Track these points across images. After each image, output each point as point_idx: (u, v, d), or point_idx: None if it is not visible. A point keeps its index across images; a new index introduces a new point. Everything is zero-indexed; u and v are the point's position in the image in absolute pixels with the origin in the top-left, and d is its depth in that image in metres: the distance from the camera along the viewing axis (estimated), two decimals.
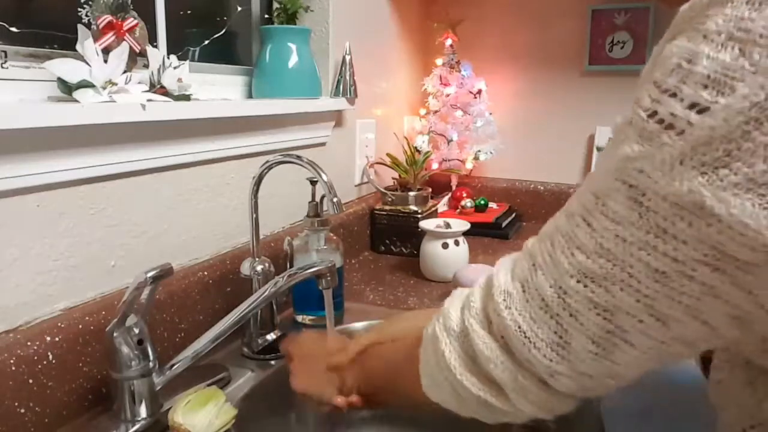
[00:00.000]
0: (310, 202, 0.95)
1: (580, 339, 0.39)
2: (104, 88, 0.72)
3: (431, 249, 1.18)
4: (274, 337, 0.88)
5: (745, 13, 0.31)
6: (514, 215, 1.62)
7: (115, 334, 0.66)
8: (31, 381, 0.64)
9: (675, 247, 0.34)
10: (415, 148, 1.47)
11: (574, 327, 0.39)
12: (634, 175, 0.35)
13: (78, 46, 0.73)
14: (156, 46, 0.93)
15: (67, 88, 0.70)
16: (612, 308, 0.38)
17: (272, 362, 0.85)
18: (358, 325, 0.96)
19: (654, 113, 0.34)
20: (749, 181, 0.31)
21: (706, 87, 0.32)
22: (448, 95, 1.62)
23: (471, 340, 0.45)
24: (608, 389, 0.43)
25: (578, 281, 0.39)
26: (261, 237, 0.88)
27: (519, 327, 0.42)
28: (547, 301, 0.41)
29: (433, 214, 1.40)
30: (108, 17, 0.75)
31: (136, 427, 0.67)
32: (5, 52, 0.72)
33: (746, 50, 0.31)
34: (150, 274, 0.64)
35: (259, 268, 0.87)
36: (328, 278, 0.79)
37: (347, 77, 1.24)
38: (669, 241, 0.34)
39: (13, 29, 0.74)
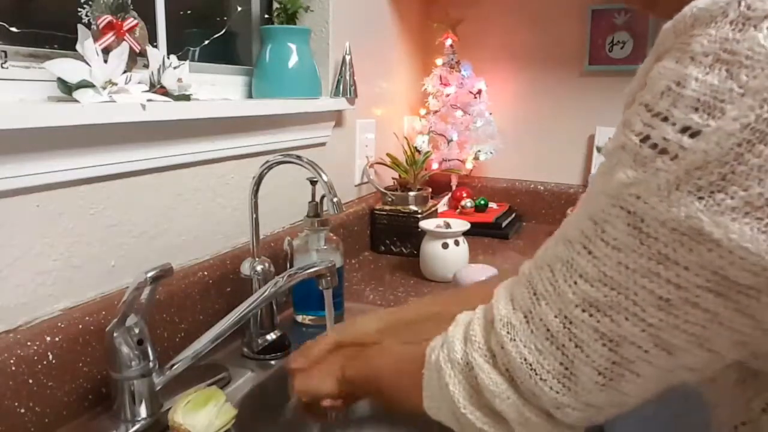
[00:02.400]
0: (310, 202, 0.95)
1: (586, 370, 0.39)
2: (104, 88, 0.72)
3: (431, 249, 1.18)
4: (274, 337, 0.88)
5: (729, 34, 0.31)
6: (514, 215, 1.62)
7: (115, 334, 0.66)
8: (31, 381, 0.64)
9: (677, 273, 0.34)
10: (415, 148, 1.47)
11: (580, 358, 0.39)
12: (632, 201, 0.35)
13: (78, 46, 0.73)
14: (156, 46, 0.93)
15: (67, 88, 0.70)
16: (617, 338, 0.37)
17: (272, 362, 0.85)
18: None
19: (647, 138, 0.34)
20: (746, 205, 0.31)
21: (696, 110, 0.32)
22: (448, 95, 1.62)
23: (475, 375, 0.45)
24: (611, 416, 0.43)
25: (583, 310, 0.38)
26: (261, 237, 0.88)
27: (524, 359, 0.41)
28: (552, 332, 0.40)
29: (433, 214, 1.40)
30: (108, 17, 0.75)
31: (136, 427, 0.67)
32: (5, 52, 0.72)
33: (733, 72, 0.31)
34: (150, 274, 0.64)
35: (259, 268, 0.87)
36: (328, 278, 0.79)
37: (347, 77, 1.24)
38: (671, 267, 0.34)
39: (13, 29, 0.74)
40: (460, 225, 1.20)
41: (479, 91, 1.63)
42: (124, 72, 0.76)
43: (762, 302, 0.32)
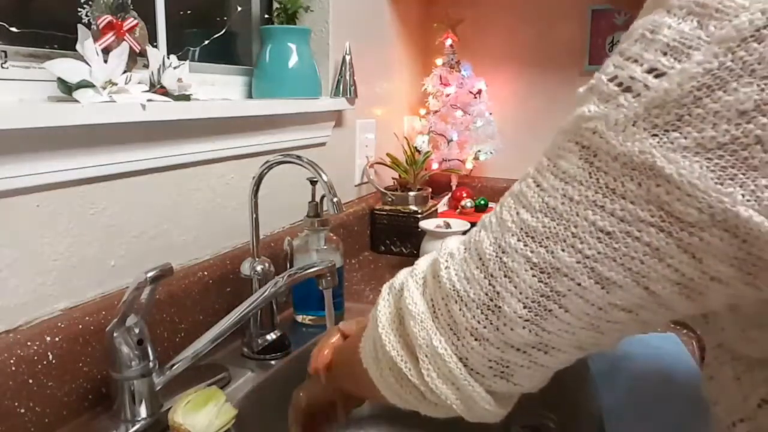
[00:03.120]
0: (310, 202, 0.95)
1: (511, 302, 0.39)
2: (104, 88, 0.72)
3: (431, 249, 1.18)
4: (274, 337, 0.88)
5: None
6: None
7: (115, 334, 0.66)
8: (31, 381, 0.64)
9: (622, 207, 0.35)
10: (415, 148, 1.47)
11: (508, 289, 0.39)
12: (588, 135, 0.36)
13: (78, 46, 0.73)
14: (156, 46, 0.93)
15: (67, 88, 0.70)
16: (550, 269, 0.37)
17: (272, 362, 0.85)
18: None
19: (614, 77, 0.36)
20: (698, 146, 0.32)
21: (665, 54, 0.34)
22: (448, 95, 1.62)
23: (403, 298, 0.45)
24: (527, 381, 0.42)
25: (518, 239, 0.39)
26: (261, 237, 0.88)
27: (453, 286, 0.41)
28: (483, 260, 0.40)
29: (433, 214, 1.40)
30: (108, 17, 0.75)
31: (136, 427, 0.67)
32: (5, 52, 0.72)
33: (703, 23, 0.33)
34: (150, 274, 0.64)
35: (259, 268, 0.87)
36: (328, 278, 0.79)
37: (347, 77, 1.24)
38: (617, 200, 0.35)
39: (13, 29, 0.74)
40: (460, 225, 1.20)
41: (479, 91, 1.63)
42: (124, 72, 0.76)
43: (704, 241, 0.33)
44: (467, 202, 1.58)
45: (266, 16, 1.23)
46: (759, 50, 0.31)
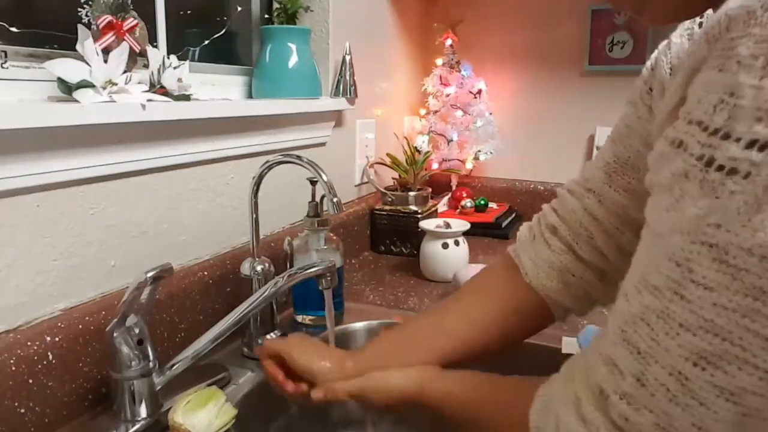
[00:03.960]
0: (310, 202, 0.95)
1: (719, 427, 0.35)
2: (104, 88, 0.72)
3: (431, 249, 1.18)
4: (274, 337, 0.88)
5: None
6: (514, 215, 1.62)
7: (115, 334, 0.66)
8: (31, 381, 0.64)
9: None
10: (415, 148, 1.47)
11: (709, 416, 0.35)
12: (711, 232, 0.32)
13: (78, 46, 0.73)
14: (156, 46, 0.93)
15: (67, 88, 0.70)
16: (737, 390, 0.34)
17: None
18: (358, 325, 0.96)
19: (711, 160, 0.31)
20: None
21: (760, 120, 0.29)
22: (448, 95, 1.62)
23: None
24: None
25: (695, 364, 0.34)
26: (261, 237, 0.88)
27: (657, 425, 0.37)
28: (672, 392, 0.36)
29: (433, 214, 1.40)
30: (108, 17, 0.75)
31: (136, 427, 0.67)
32: (5, 52, 0.72)
33: None
34: (150, 274, 0.64)
35: (259, 268, 0.87)
36: (328, 278, 0.79)
37: (347, 77, 1.24)
38: None
39: (13, 29, 0.74)
40: (460, 225, 1.19)
41: (479, 91, 1.63)
42: (124, 72, 0.76)
43: None
44: (467, 202, 1.58)
45: (266, 16, 1.23)
46: None
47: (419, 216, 1.34)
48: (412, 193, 1.38)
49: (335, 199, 0.78)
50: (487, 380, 0.58)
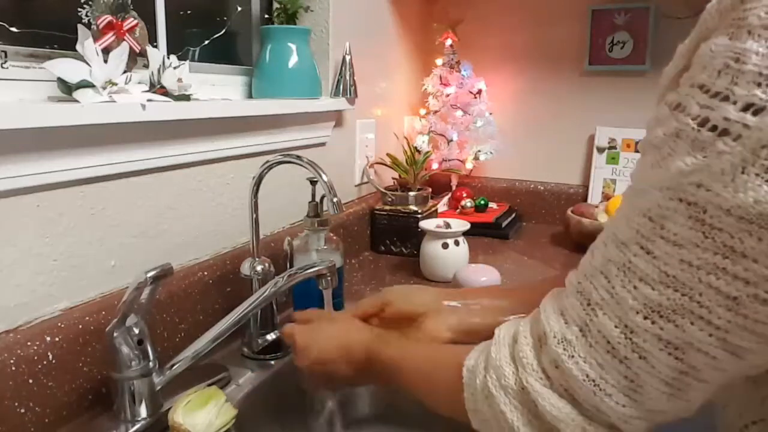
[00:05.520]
0: (310, 202, 0.95)
1: (652, 381, 0.37)
2: (104, 88, 0.72)
3: (431, 249, 1.18)
4: (274, 337, 0.88)
5: None
6: (514, 215, 1.62)
7: (115, 334, 0.66)
8: (31, 381, 0.64)
9: (746, 267, 0.31)
10: (415, 148, 1.47)
11: (645, 370, 0.36)
12: (692, 190, 0.33)
13: (78, 46, 0.72)
14: (156, 46, 0.93)
15: (67, 88, 0.70)
16: (683, 345, 0.35)
17: (272, 362, 0.85)
18: None
19: (705, 120, 0.32)
20: None
21: (759, 85, 0.30)
22: (448, 95, 1.62)
23: (533, 400, 0.42)
24: (674, 419, 0.40)
25: (645, 317, 0.35)
26: (261, 237, 0.88)
27: (587, 376, 0.38)
28: (613, 344, 0.37)
29: (433, 214, 1.40)
30: (108, 17, 0.75)
31: (136, 427, 0.67)
32: (5, 52, 0.72)
33: None
34: (150, 274, 0.64)
35: (259, 268, 0.87)
36: (328, 278, 0.79)
37: (347, 77, 1.24)
38: (738, 261, 0.32)
39: (13, 29, 0.74)
40: (460, 225, 1.19)
41: (479, 91, 1.63)
42: (124, 72, 0.76)
43: None
44: (467, 202, 1.58)
45: (266, 16, 1.23)
46: None
47: (419, 216, 1.34)
48: (412, 193, 1.38)
49: (335, 199, 0.78)
50: (434, 344, 0.62)
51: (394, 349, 0.61)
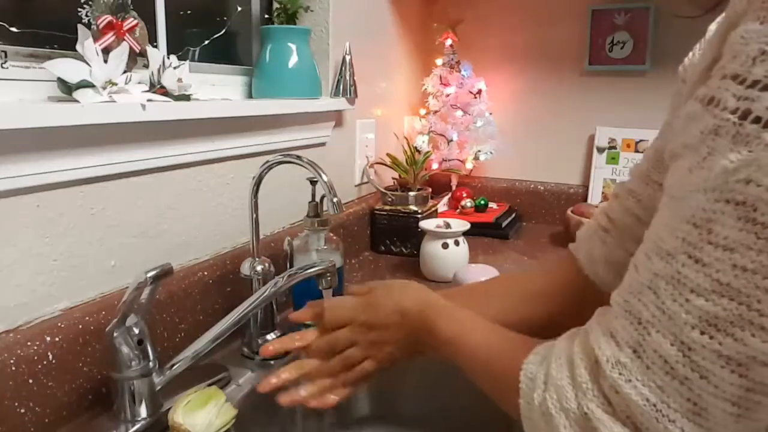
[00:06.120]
0: (310, 202, 0.95)
1: (717, 403, 0.34)
2: (104, 88, 0.72)
3: (431, 249, 1.18)
4: (274, 337, 0.88)
5: None
6: (514, 215, 1.62)
7: (115, 334, 0.66)
8: (31, 381, 0.64)
9: None
10: (415, 148, 1.47)
11: (708, 391, 0.34)
12: (740, 188, 0.30)
13: (78, 46, 0.72)
14: (156, 46, 0.93)
15: (67, 88, 0.70)
16: (746, 360, 0.32)
17: (272, 362, 0.85)
18: None
19: (747, 112, 0.30)
20: None
21: None
22: (448, 95, 1.62)
23: (594, 427, 0.39)
24: None
25: (702, 332, 0.33)
26: (261, 237, 0.88)
27: (647, 400, 0.36)
28: (671, 363, 0.35)
29: (433, 214, 1.40)
30: (108, 17, 0.75)
31: (136, 427, 0.67)
32: (5, 52, 0.72)
33: None
34: (150, 274, 0.64)
35: (259, 268, 0.87)
36: (328, 278, 0.79)
37: (347, 77, 1.24)
38: None
39: (13, 29, 0.74)
40: (460, 225, 1.19)
41: (479, 91, 1.63)
42: (124, 72, 0.76)
43: None
44: (467, 202, 1.58)
45: (266, 16, 1.23)
46: None
47: (419, 216, 1.34)
48: (412, 193, 1.38)
49: (335, 199, 0.78)
50: (491, 325, 0.58)
51: (452, 323, 0.59)
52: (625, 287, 0.39)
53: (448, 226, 1.20)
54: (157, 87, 0.82)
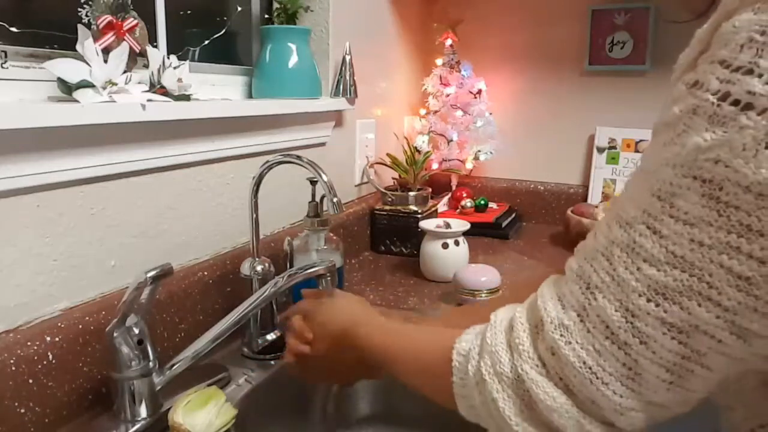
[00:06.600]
0: (310, 202, 0.95)
1: (652, 369, 0.35)
2: (104, 88, 0.72)
3: (431, 249, 1.18)
4: (274, 337, 0.88)
5: None
6: (514, 215, 1.62)
7: (115, 334, 0.66)
8: (31, 381, 0.64)
9: (762, 246, 0.30)
10: (415, 148, 1.47)
11: (646, 356, 0.35)
12: (708, 167, 0.31)
13: (78, 46, 0.72)
14: (156, 46, 0.93)
15: (67, 88, 0.70)
16: (688, 329, 0.34)
17: (272, 362, 0.85)
18: None
19: (726, 95, 0.31)
20: None
21: None
22: (448, 95, 1.62)
23: (527, 389, 0.40)
24: (674, 415, 0.39)
25: (648, 300, 0.34)
26: (261, 237, 0.88)
27: (584, 363, 0.37)
28: (612, 329, 0.36)
29: (433, 214, 1.40)
30: (108, 17, 0.75)
31: (136, 427, 0.67)
32: (5, 52, 0.72)
33: None
34: (150, 274, 0.64)
35: (259, 268, 0.87)
36: (328, 278, 0.79)
37: (347, 77, 1.24)
38: (754, 239, 0.30)
39: (13, 29, 0.74)
40: (460, 225, 1.19)
41: (479, 91, 1.63)
42: (124, 72, 0.76)
43: None
44: (467, 202, 1.58)
45: (266, 16, 1.23)
46: None
47: (419, 216, 1.34)
48: (412, 193, 1.38)
49: (335, 199, 0.78)
50: (419, 326, 0.60)
51: (375, 329, 0.60)
52: (579, 253, 0.41)
53: (448, 226, 1.20)
54: (157, 87, 0.82)
